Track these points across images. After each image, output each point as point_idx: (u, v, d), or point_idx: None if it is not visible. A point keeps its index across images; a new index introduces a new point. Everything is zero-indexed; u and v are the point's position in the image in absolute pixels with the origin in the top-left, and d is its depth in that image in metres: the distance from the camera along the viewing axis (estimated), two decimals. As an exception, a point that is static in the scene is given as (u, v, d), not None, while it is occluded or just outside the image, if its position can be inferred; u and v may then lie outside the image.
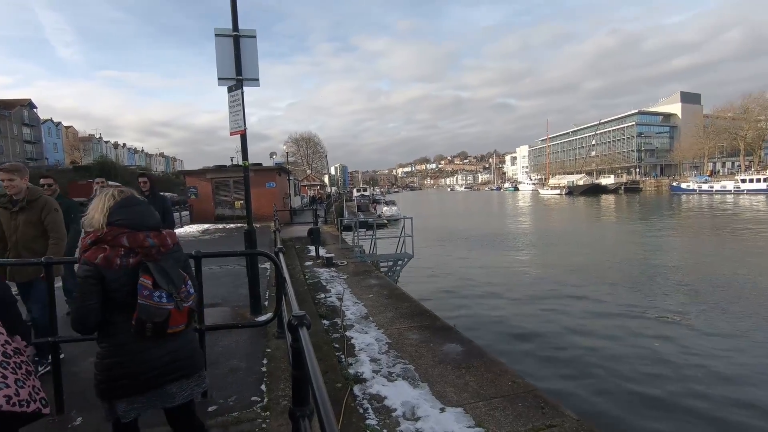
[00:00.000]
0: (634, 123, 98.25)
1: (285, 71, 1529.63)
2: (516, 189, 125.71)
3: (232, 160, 27.36)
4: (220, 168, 22.91)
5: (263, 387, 3.60)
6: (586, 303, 11.40)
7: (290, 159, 68.17)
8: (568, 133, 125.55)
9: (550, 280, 14.20)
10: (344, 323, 5.52)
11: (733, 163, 79.08)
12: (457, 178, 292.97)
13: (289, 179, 27.34)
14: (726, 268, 14.64)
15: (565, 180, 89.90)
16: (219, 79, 5.33)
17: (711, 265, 15.52)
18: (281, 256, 4.14)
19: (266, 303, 6.19)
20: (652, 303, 11.17)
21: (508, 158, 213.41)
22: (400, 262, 12.71)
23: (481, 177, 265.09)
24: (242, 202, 18.28)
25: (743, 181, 57.02)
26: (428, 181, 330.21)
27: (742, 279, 13.12)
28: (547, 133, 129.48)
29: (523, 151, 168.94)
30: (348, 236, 15.59)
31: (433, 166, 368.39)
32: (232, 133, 5.40)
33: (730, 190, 57.49)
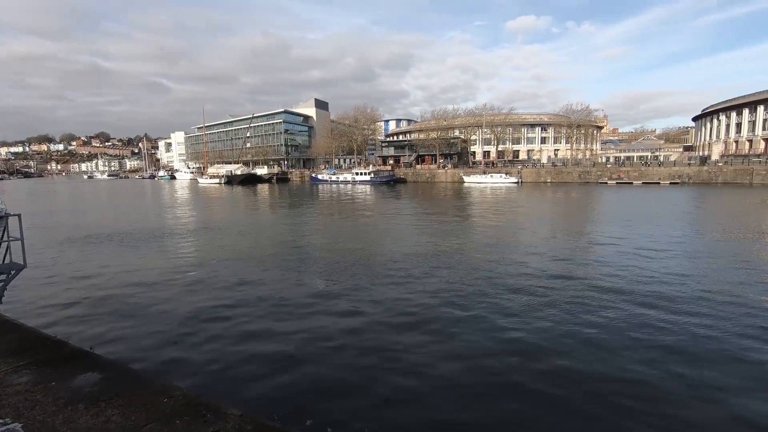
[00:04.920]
0: (281, 120, 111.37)
1: None
2: (173, 177, 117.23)
3: None
4: None
5: None
6: (246, 291, 11.90)
7: None
8: (225, 123, 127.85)
9: (212, 272, 13.98)
10: None
11: (350, 159, 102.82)
12: (97, 163, 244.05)
13: None
14: (351, 243, 18.86)
15: (223, 169, 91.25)
16: None
17: (343, 240, 19.59)
18: None
19: None
20: (306, 280, 12.92)
21: (162, 144, 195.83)
22: (2, 278, 9.19)
23: (130, 163, 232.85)
24: None
25: (357, 174, 75.36)
26: (53, 166, 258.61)
27: (357, 250, 17.22)
28: (203, 121, 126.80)
29: (179, 137, 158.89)
30: None
31: (61, 147, 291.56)
32: None
33: (350, 181, 74.71)
